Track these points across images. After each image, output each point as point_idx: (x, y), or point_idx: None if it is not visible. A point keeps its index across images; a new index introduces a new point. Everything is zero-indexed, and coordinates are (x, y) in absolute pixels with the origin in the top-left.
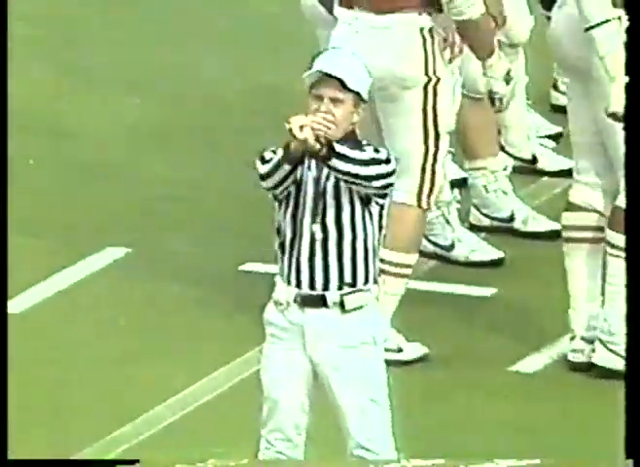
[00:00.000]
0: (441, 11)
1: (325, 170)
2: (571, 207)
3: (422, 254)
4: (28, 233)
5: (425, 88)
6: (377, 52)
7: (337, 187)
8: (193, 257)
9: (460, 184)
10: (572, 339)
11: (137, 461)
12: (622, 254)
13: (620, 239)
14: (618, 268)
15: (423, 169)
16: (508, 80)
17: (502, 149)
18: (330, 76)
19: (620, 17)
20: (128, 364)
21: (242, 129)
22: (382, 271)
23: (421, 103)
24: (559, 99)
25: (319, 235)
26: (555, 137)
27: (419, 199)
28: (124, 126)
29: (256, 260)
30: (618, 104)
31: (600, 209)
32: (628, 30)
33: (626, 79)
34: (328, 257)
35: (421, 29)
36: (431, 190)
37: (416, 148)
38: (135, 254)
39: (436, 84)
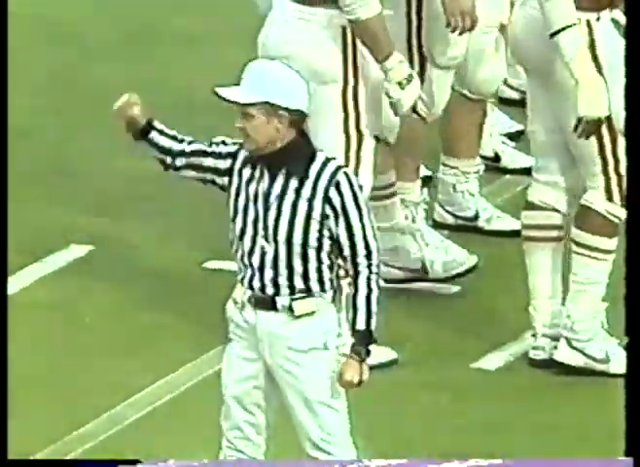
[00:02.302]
0: None
1: (276, 187)
2: (530, 206)
3: None
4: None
5: (344, 85)
6: (297, 42)
7: (294, 207)
8: (156, 254)
9: (425, 181)
10: (533, 336)
11: (139, 461)
12: (589, 252)
13: (586, 238)
14: (583, 266)
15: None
16: (402, 85)
17: None
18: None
19: (582, 20)
20: (92, 361)
21: (208, 128)
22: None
23: (340, 101)
24: (505, 92)
25: (269, 249)
26: (517, 135)
27: None
28: (87, 122)
29: (220, 257)
30: (585, 108)
31: (560, 208)
32: (628, 31)
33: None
34: (278, 269)
35: (343, 27)
36: None
37: (337, 149)
38: (98, 251)
39: (356, 83)
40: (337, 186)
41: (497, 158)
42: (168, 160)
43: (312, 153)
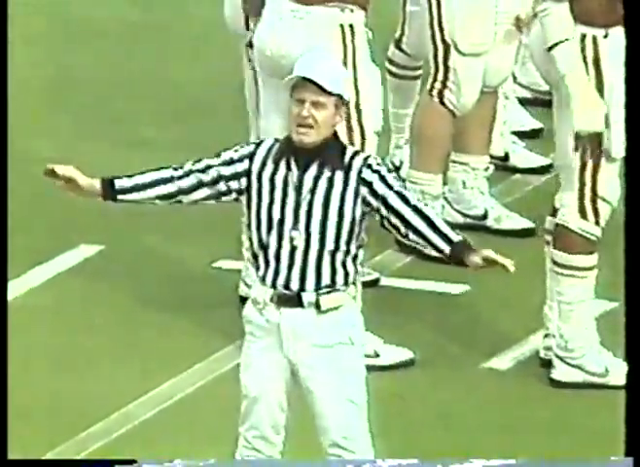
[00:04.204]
0: (365, 8)
1: (307, 180)
2: (555, 212)
3: (400, 246)
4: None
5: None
6: (296, 42)
7: (327, 200)
8: (166, 254)
9: None
10: (546, 336)
11: (135, 461)
12: (571, 272)
13: (567, 258)
14: (569, 286)
15: None
16: None
17: None
18: (310, 81)
19: (588, 35)
20: (102, 361)
21: (214, 126)
22: None
23: None
24: (517, 92)
25: (299, 241)
26: (532, 133)
27: None
28: (98, 123)
29: (228, 257)
30: (580, 122)
31: None
32: (628, 33)
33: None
34: (307, 262)
35: (341, 26)
36: None
37: None
38: (109, 251)
39: (355, 82)
40: (370, 167)
41: (507, 157)
42: (172, 188)
43: (343, 146)
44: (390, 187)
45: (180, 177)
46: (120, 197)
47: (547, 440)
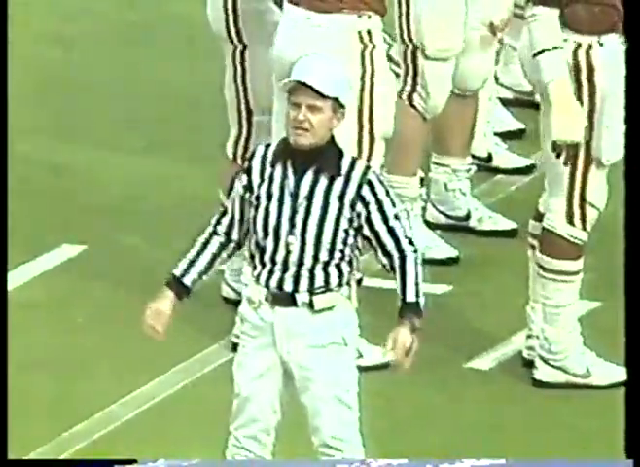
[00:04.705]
0: (382, 14)
1: (304, 185)
2: (538, 217)
3: None
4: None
5: (361, 90)
6: (313, 50)
7: (324, 205)
8: (148, 254)
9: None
10: (528, 337)
11: (135, 461)
12: (557, 277)
13: (554, 264)
14: (555, 291)
15: None
16: None
17: None
18: (305, 84)
19: (583, 44)
20: (84, 361)
21: (197, 126)
22: None
23: (356, 108)
24: (499, 92)
25: (295, 247)
26: (516, 134)
27: None
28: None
29: None
30: (558, 131)
31: None
32: (628, 37)
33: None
34: (302, 266)
35: (359, 32)
36: None
37: (348, 149)
38: (91, 251)
39: (371, 89)
40: (370, 184)
41: (490, 158)
42: (228, 250)
43: (340, 152)
44: (385, 220)
45: (226, 240)
46: (194, 287)
47: (530, 439)
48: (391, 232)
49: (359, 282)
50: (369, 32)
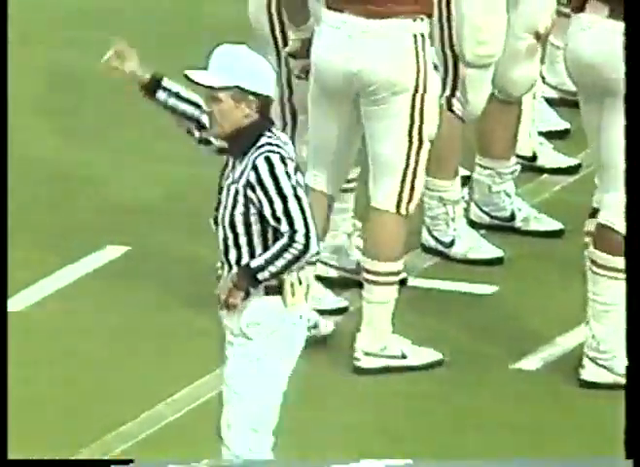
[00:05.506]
0: (431, 17)
1: (233, 174)
2: (593, 213)
3: (424, 249)
4: (28, 231)
5: (414, 94)
6: (369, 56)
7: (228, 191)
8: (190, 255)
9: (464, 181)
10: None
11: (132, 461)
12: (610, 273)
13: (608, 259)
14: (606, 288)
15: (404, 175)
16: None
17: None
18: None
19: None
20: (126, 362)
21: None
22: (370, 282)
23: (409, 109)
24: (545, 92)
25: (220, 233)
26: (562, 133)
27: (398, 206)
28: (121, 128)
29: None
30: None
31: None
32: (627, 34)
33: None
34: (227, 255)
35: (414, 36)
36: (411, 196)
37: (399, 153)
38: (134, 252)
39: (424, 91)
40: (255, 169)
41: (535, 157)
42: (196, 114)
43: (258, 137)
44: (271, 203)
45: (202, 111)
46: (159, 94)
47: (576, 440)
48: (274, 215)
49: (403, 282)
50: (422, 35)
